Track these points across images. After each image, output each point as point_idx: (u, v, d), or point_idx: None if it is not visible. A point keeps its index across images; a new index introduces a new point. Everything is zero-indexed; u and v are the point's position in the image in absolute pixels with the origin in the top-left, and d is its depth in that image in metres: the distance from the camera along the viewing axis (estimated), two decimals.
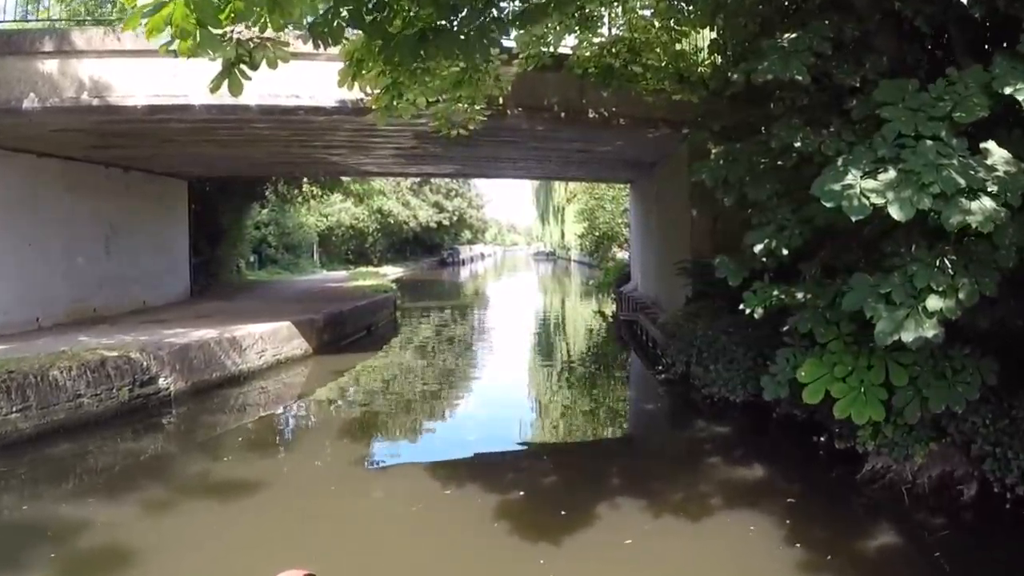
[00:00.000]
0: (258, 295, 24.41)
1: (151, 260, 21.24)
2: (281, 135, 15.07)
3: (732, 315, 13.32)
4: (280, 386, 14.81)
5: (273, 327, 15.99)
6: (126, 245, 19.81)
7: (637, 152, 17.49)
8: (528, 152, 17.78)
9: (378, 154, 17.63)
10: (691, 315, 14.13)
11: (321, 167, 20.94)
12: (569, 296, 40.50)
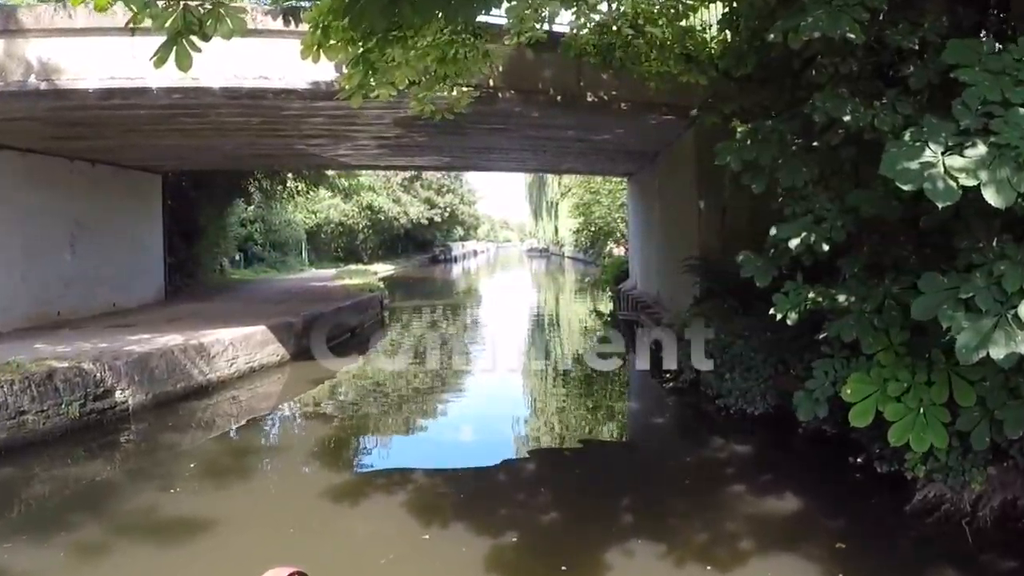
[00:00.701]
0: (238, 296, 23.16)
1: (121, 260, 19.96)
2: (252, 123, 13.83)
3: (746, 317, 12.19)
4: (251, 397, 13.58)
5: (246, 332, 14.76)
6: (94, 244, 18.53)
7: (638, 141, 16.28)
8: (521, 142, 16.56)
9: (360, 144, 16.39)
10: (700, 316, 12.95)
11: (301, 160, 19.68)
12: (564, 294, 39.30)
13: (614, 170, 22.62)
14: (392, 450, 10.74)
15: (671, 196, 16.92)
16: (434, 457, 9.99)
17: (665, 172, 17.58)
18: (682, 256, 15.69)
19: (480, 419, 12.11)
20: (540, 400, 13.98)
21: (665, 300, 17.75)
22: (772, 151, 7.08)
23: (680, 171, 15.66)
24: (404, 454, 10.48)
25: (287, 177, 30.67)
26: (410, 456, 10.34)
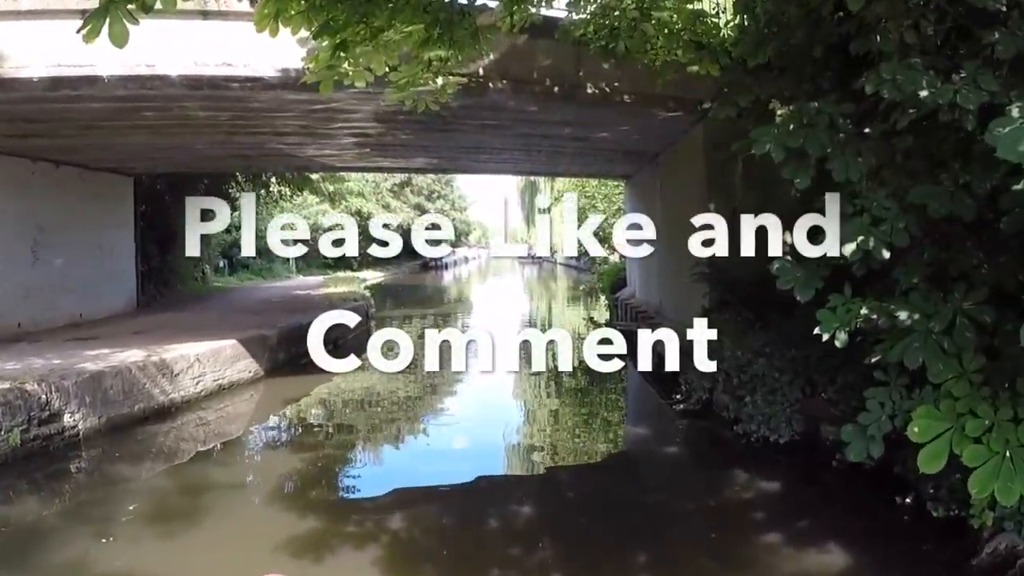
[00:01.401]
0: (216, 305, 21.93)
1: (89, 267, 18.73)
2: (222, 119, 12.64)
3: (764, 331, 11.07)
4: (218, 419, 12.36)
5: (214, 346, 13.54)
6: (58, 250, 17.29)
7: (640, 140, 15.14)
8: (514, 140, 15.41)
9: (341, 143, 15.21)
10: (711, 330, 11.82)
11: (279, 161, 18.47)
12: (558, 301, 38.17)
13: (611, 172, 21.47)
14: (368, 488, 9.48)
15: (674, 198, 15.78)
16: (416, 498, 8.76)
17: (667, 173, 16.45)
18: (687, 263, 14.53)
19: (468, 448, 10.92)
20: (535, 425, 12.77)
21: (668, 310, 16.60)
22: (821, 138, 5.90)
23: (685, 171, 14.53)
24: (382, 492, 9.23)
25: (270, 181, 29.51)
26: (388, 498, 9.10)
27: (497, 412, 13.03)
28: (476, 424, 12.37)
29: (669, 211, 16.35)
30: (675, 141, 15.00)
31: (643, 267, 20.25)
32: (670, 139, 15.02)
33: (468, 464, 9.70)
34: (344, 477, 9.89)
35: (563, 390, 15.00)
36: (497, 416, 12.75)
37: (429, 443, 11.53)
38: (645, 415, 12.33)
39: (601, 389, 14.43)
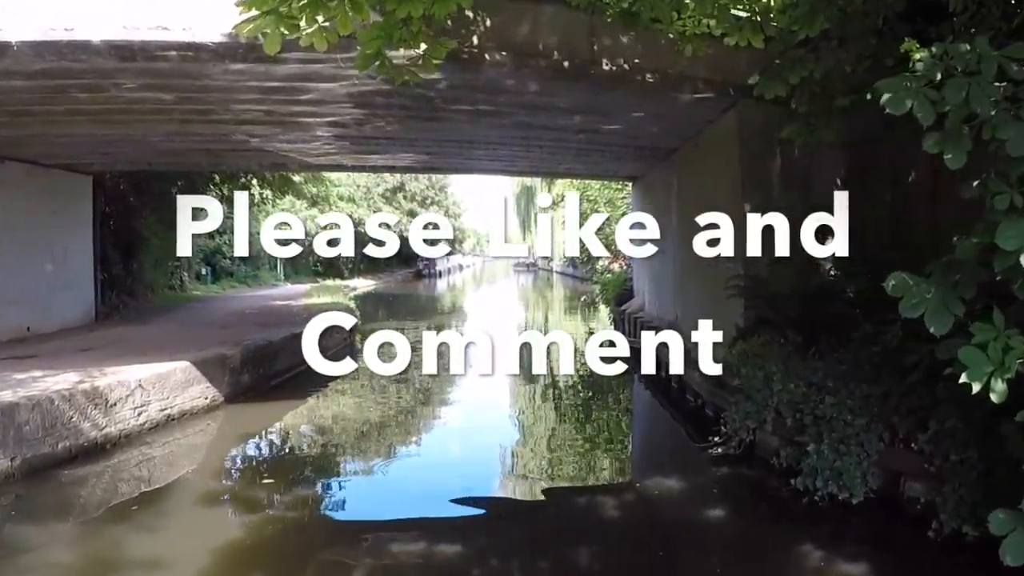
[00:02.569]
0: (183, 317, 19.95)
1: (38, 275, 16.75)
2: (168, 102, 10.71)
3: (821, 358, 9.18)
4: (162, 458, 10.38)
5: (162, 370, 11.56)
6: (1, 256, 15.40)
7: (656, 131, 13.25)
8: (512, 133, 13.48)
9: (315, 136, 13.27)
10: (752, 355, 9.92)
11: (250, 157, 16.51)
12: (556, 313, 36.23)
13: (617, 173, 19.56)
14: (340, 542, 7.54)
15: (696, 199, 13.89)
16: (395, 569, 6.83)
17: (687, 171, 14.56)
18: (712, 272, 12.65)
19: (456, 500, 8.93)
20: (535, 465, 10.81)
21: (687, 326, 14.65)
22: (989, 92, 3.97)
23: (712, 167, 12.64)
24: (353, 559, 7.28)
25: (251, 183, 27.58)
26: (364, 559, 7.16)
27: (491, 451, 11.07)
28: (467, 465, 10.42)
29: (688, 214, 14.44)
30: (699, 132, 13.11)
31: (654, 276, 18.34)
32: (692, 130, 13.13)
33: (456, 534, 7.69)
34: (311, 537, 7.92)
35: (563, 418, 13.09)
36: (491, 457, 10.80)
37: (407, 487, 9.54)
38: (667, 457, 10.28)
39: (619, 425, 12.55)
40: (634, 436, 11.87)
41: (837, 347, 9.44)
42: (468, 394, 15.02)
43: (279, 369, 14.88)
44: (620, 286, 22.71)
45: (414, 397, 15.06)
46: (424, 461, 10.60)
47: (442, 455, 10.92)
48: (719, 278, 11.97)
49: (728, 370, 10.24)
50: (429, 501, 8.64)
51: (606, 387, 16.19)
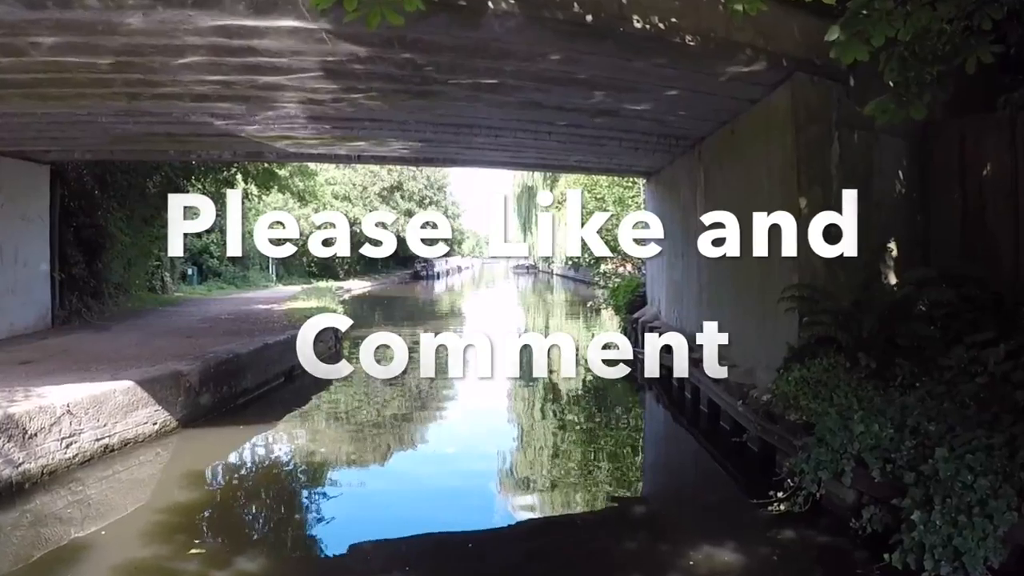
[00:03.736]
0: (150, 323, 18.02)
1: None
2: (101, 66, 8.81)
3: (902, 389, 7.37)
4: (93, 499, 8.47)
5: (99, 391, 9.65)
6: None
7: (686, 114, 11.37)
8: (519, 114, 11.58)
9: (288, 116, 11.35)
10: (814, 383, 8.05)
11: (221, 144, 14.56)
12: (559, 319, 34.27)
13: (633, 166, 17.63)
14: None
15: (731, 197, 12.02)
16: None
17: (718, 163, 12.67)
18: (756, 281, 10.81)
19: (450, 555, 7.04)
20: (555, 533, 8.87)
21: None
22: None
23: (753, 159, 10.76)
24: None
25: (235, 179, 25.70)
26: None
27: (487, 499, 9.15)
28: (458, 515, 8.50)
29: (724, 208, 12.57)
30: (735, 116, 11.24)
31: (672, 283, 16.44)
32: (728, 114, 11.27)
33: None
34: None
35: (590, 466, 11.23)
36: (487, 508, 8.88)
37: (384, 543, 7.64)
38: (718, 516, 8.17)
39: (645, 463, 10.68)
40: (667, 480, 9.94)
41: (920, 375, 7.60)
42: (464, 417, 13.16)
43: (247, 386, 12.98)
44: (632, 292, 20.77)
45: (400, 415, 13.18)
46: (410, 509, 8.68)
47: (431, 501, 8.98)
48: (767, 287, 10.12)
49: (782, 400, 8.41)
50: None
51: (624, 411, 14.32)
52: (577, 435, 12.10)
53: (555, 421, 12.98)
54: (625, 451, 11.29)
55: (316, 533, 8.03)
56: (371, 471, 10.23)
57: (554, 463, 10.50)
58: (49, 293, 17.00)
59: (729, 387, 10.47)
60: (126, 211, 20.87)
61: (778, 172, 9.82)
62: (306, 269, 56.03)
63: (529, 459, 10.71)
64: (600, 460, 10.62)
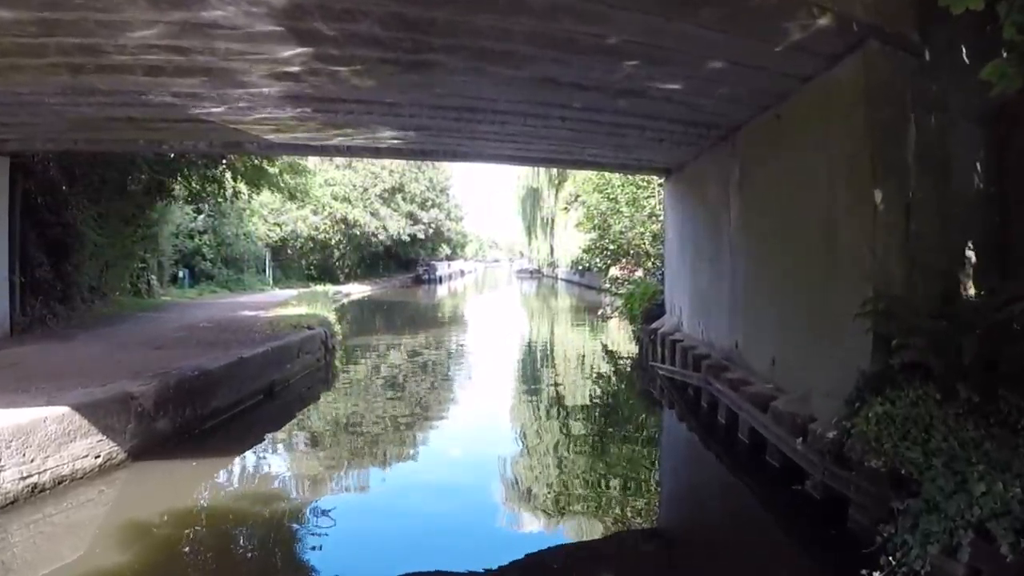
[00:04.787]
0: (121, 331, 16.34)
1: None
2: (28, 27, 7.23)
3: (1000, 426, 5.78)
4: (12, 553, 6.89)
5: (27, 419, 8.05)
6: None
7: (726, 92, 9.70)
8: (530, 95, 9.95)
9: (259, 94, 9.72)
10: (903, 422, 6.41)
11: (195, 133, 12.86)
12: (566, 328, 32.53)
13: (654, 162, 15.96)
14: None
15: (775, 193, 10.40)
16: None
17: (759, 154, 11.03)
18: (805, 289, 9.20)
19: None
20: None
21: (757, 360, 11.17)
22: None
23: (809, 145, 9.12)
24: None
25: (223, 176, 24.12)
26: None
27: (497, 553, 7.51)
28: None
29: (761, 211, 10.98)
30: (783, 99, 9.62)
31: (698, 291, 14.80)
32: (774, 96, 9.66)
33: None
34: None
35: (615, 514, 9.60)
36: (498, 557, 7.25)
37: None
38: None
39: (682, 513, 9.00)
40: (715, 539, 8.27)
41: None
42: (469, 443, 11.54)
43: (218, 407, 11.35)
44: (649, 300, 19.08)
45: (395, 438, 11.55)
46: (405, 554, 7.05)
47: (429, 546, 7.34)
48: (827, 298, 8.51)
49: (861, 441, 6.78)
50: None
51: (642, 436, 12.70)
52: (593, 464, 10.45)
53: (569, 448, 11.35)
54: (647, 487, 9.66)
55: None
56: (360, 509, 8.61)
57: (570, 509, 8.86)
58: (7, 298, 15.39)
59: (778, 416, 8.85)
60: (100, 208, 19.28)
61: (843, 162, 8.19)
62: (304, 272, 54.41)
63: (541, 504, 9.06)
64: (623, 499, 8.98)
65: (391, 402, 14.45)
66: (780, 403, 9.01)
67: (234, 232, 41.65)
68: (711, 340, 13.65)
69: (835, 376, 8.19)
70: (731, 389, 10.64)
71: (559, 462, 10.56)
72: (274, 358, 13.72)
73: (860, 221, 7.83)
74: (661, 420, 13.81)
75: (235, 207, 40.06)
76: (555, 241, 70.65)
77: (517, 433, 12.46)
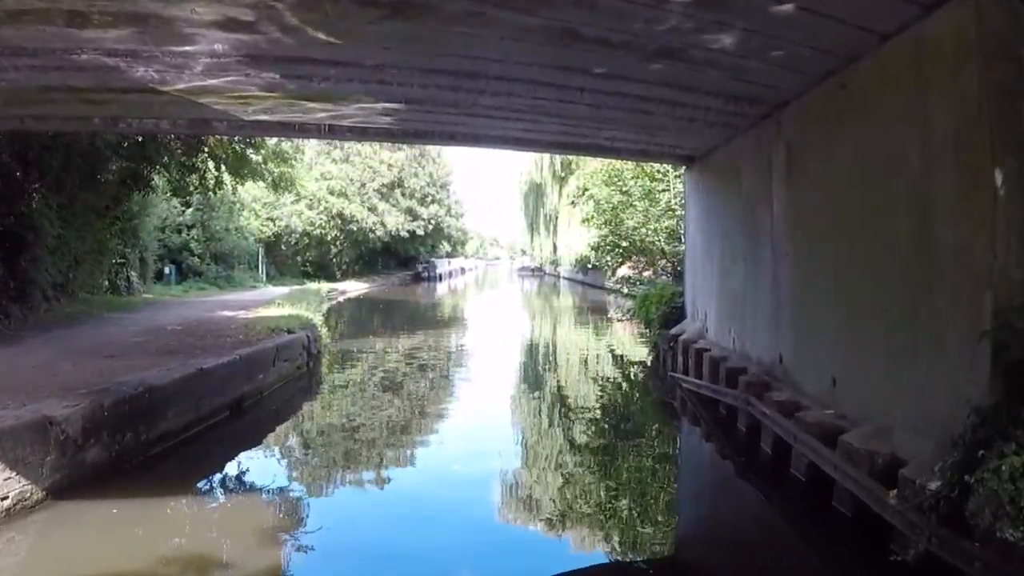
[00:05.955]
0: (77, 336, 14.54)
1: None
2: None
3: None
4: None
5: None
6: None
7: (786, 54, 7.96)
8: (544, 55, 8.16)
9: (210, 52, 7.94)
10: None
11: (152, 107, 11.11)
12: (571, 329, 30.69)
13: (678, 148, 14.12)
14: None
15: (839, 177, 8.64)
16: None
17: (814, 133, 9.26)
18: (885, 296, 7.46)
19: None
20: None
21: (811, 381, 9.43)
22: None
23: (891, 117, 7.35)
24: None
25: (205, 164, 22.34)
26: None
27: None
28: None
29: (822, 201, 9.20)
30: (851, 62, 7.88)
31: (729, 294, 13.04)
32: (838, 60, 7.92)
33: None
34: None
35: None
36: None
37: None
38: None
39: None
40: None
41: None
42: (473, 477, 9.78)
43: (169, 429, 9.58)
44: (667, 303, 17.28)
45: (375, 461, 9.80)
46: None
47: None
48: (920, 308, 6.77)
49: (989, 502, 5.06)
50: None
51: (676, 470, 10.99)
52: (613, 498, 8.70)
53: (587, 482, 9.60)
54: (674, 521, 7.92)
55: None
56: (336, 561, 6.90)
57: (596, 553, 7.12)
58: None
59: (851, 454, 7.11)
60: (63, 198, 17.52)
61: (944, 138, 6.44)
62: (300, 269, 52.60)
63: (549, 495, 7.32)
64: (649, 542, 7.24)
65: (380, 414, 12.70)
66: (853, 437, 7.26)
67: (224, 226, 39.83)
68: (746, 351, 11.89)
69: (929, 406, 6.47)
70: (782, 414, 8.88)
71: (575, 499, 8.80)
72: (243, 368, 11.94)
73: (972, 211, 6.06)
74: (684, 440, 12.06)
75: (225, 200, 38.33)
76: (558, 238, 68.86)
77: (525, 459, 10.71)
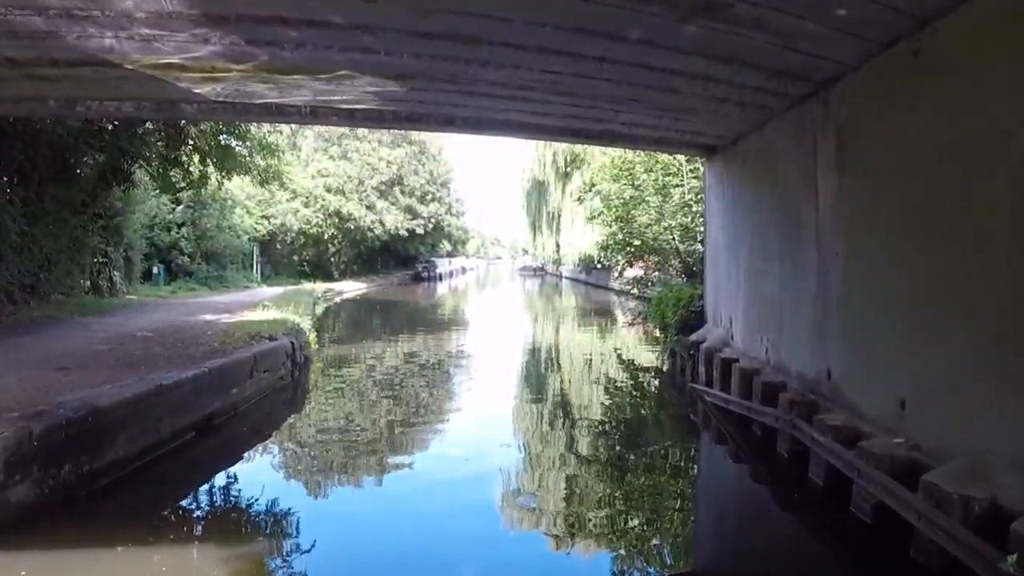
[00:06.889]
0: (35, 343, 13.12)
1: None
2: None
3: None
4: None
5: None
6: None
7: (850, 15, 6.62)
8: (558, 16, 6.88)
9: (158, 10, 6.69)
10: None
11: (106, 85, 9.69)
12: (575, 332, 29.28)
13: (700, 135, 12.71)
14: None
15: (911, 160, 7.27)
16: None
17: (876, 110, 7.90)
18: (978, 303, 6.11)
19: None
20: None
21: (871, 402, 8.06)
22: None
23: (990, 84, 6.00)
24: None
25: (189, 158, 21.04)
26: None
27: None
28: None
29: (885, 190, 7.81)
30: (926, 24, 6.54)
31: (761, 298, 11.67)
32: (911, 20, 6.57)
33: None
34: None
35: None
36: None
37: None
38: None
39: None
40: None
41: None
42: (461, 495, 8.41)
43: (118, 457, 8.19)
44: (683, 305, 15.90)
45: (364, 477, 8.45)
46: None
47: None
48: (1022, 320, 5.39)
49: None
50: None
51: (699, 498, 9.66)
52: (637, 533, 7.35)
53: (609, 510, 8.25)
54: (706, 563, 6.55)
55: None
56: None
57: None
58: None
59: (937, 497, 5.75)
60: (30, 192, 16.18)
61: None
62: (297, 268, 51.22)
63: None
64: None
65: (370, 429, 11.36)
66: (940, 477, 5.90)
67: (216, 224, 38.41)
68: (782, 362, 10.54)
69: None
70: (839, 442, 7.53)
71: (589, 522, 7.44)
72: (213, 381, 10.57)
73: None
74: (709, 460, 10.70)
75: (217, 197, 37.04)
76: (561, 237, 67.54)
77: (534, 482, 9.36)
